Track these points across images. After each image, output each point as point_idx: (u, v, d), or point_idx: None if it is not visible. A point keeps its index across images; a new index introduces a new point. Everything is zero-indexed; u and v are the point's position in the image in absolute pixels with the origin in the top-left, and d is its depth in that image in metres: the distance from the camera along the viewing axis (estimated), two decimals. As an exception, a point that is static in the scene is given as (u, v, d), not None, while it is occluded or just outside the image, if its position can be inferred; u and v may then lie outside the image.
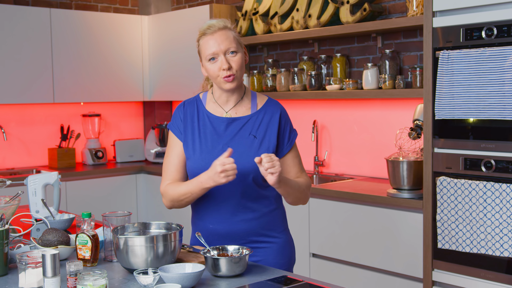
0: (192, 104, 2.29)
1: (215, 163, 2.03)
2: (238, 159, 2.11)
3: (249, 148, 2.18)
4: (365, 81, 3.83)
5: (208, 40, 2.15)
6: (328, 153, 4.37)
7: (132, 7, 5.66)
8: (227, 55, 2.15)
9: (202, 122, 2.24)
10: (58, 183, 2.84)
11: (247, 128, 2.21)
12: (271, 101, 2.29)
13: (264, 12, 4.46)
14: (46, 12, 4.76)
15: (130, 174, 5.08)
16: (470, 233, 2.93)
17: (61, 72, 4.86)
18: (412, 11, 3.59)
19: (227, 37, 2.15)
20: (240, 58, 2.17)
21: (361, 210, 3.50)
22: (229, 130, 2.21)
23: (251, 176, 2.16)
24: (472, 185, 2.91)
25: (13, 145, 4.98)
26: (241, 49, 2.19)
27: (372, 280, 3.48)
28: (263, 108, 2.25)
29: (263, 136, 2.21)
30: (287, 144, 2.26)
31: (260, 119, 2.23)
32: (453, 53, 2.95)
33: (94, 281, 1.68)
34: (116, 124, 5.56)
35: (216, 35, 2.14)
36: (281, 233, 2.28)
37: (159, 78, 5.28)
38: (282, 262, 2.25)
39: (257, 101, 2.28)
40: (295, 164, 2.29)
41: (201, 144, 2.21)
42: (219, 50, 2.14)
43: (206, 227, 2.23)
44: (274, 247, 2.25)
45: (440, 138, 3.07)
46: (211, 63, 2.16)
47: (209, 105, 2.27)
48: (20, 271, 1.83)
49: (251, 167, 2.14)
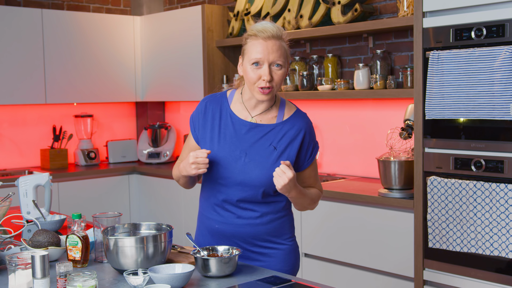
0: (216, 100, 2.21)
1: (191, 153, 2.05)
2: (254, 168, 2.10)
3: (267, 158, 2.12)
4: (356, 81, 3.84)
5: (258, 44, 2.04)
6: (320, 153, 4.38)
7: (124, 7, 5.65)
8: (272, 66, 2.05)
9: (224, 121, 2.17)
10: (49, 184, 2.84)
11: (269, 137, 2.14)
12: (299, 113, 2.21)
13: (256, 12, 4.47)
14: (37, 13, 4.76)
15: (123, 174, 5.08)
16: (460, 233, 2.95)
17: (53, 73, 4.86)
18: (403, 12, 3.61)
19: (279, 48, 2.04)
20: (283, 73, 2.07)
21: (353, 210, 3.51)
22: (249, 135, 2.14)
23: (262, 188, 2.12)
24: (463, 184, 2.92)
25: (5, 146, 4.97)
26: (287, 64, 2.10)
27: (363, 280, 3.49)
28: (289, 120, 2.16)
29: (283, 149, 2.13)
30: (308, 160, 2.19)
31: (284, 131, 2.15)
32: (443, 53, 2.97)
33: (84, 282, 1.69)
34: (108, 124, 5.55)
35: (269, 43, 2.03)
36: (287, 240, 2.23)
37: (152, 78, 5.28)
38: (286, 269, 2.20)
39: (284, 110, 2.19)
40: (311, 176, 2.24)
41: (219, 145, 2.15)
42: (266, 58, 2.03)
43: (212, 226, 2.20)
44: (279, 254, 2.20)
45: (430, 138, 3.08)
46: (253, 68, 2.05)
47: (235, 105, 2.19)
48: (9, 272, 1.83)
49: (264, 179, 2.10)
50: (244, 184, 2.11)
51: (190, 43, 4.85)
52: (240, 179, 2.12)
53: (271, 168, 2.09)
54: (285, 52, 2.08)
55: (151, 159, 5.24)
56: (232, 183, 2.13)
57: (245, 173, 2.11)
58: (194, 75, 4.84)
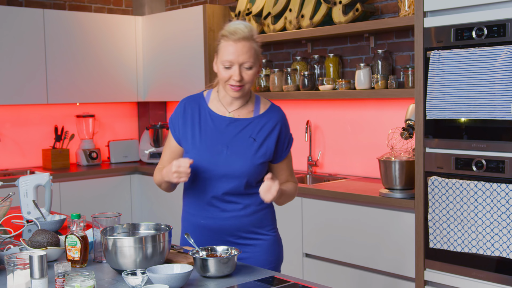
0: (194, 101, 2.32)
1: (174, 162, 2.12)
2: (236, 160, 2.20)
3: (247, 150, 2.22)
4: (357, 81, 3.83)
5: (229, 46, 2.15)
6: (321, 153, 4.37)
7: (126, 7, 5.66)
8: (242, 67, 2.17)
9: (203, 119, 2.27)
10: (50, 184, 2.84)
11: (247, 130, 2.25)
12: (274, 107, 2.33)
13: (257, 12, 4.47)
14: (39, 13, 4.76)
15: (124, 174, 5.08)
16: (461, 233, 2.94)
17: (54, 73, 4.86)
18: (404, 11, 3.60)
19: (248, 49, 2.16)
20: (253, 73, 2.19)
21: (354, 210, 3.50)
22: (229, 129, 2.24)
23: (245, 179, 2.22)
24: (463, 184, 2.92)
25: (7, 146, 4.98)
26: (257, 62, 2.21)
27: (364, 280, 3.49)
28: (265, 114, 2.29)
29: (262, 141, 2.25)
30: (284, 152, 2.32)
31: (262, 124, 2.26)
32: (444, 53, 2.96)
33: (82, 282, 1.68)
34: (110, 124, 5.56)
35: (239, 45, 2.15)
36: (270, 231, 2.33)
37: (153, 78, 5.28)
38: (271, 259, 2.30)
39: (260, 105, 2.31)
40: (288, 168, 2.36)
41: (201, 140, 2.24)
42: (236, 60, 2.15)
43: (198, 222, 2.28)
44: (263, 245, 2.29)
45: (431, 138, 3.08)
46: (225, 68, 2.18)
47: (212, 103, 2.30)
48: (8, 272, 1.83)
49: (246, 170, 2.21)
50: (228, 175, 2.21)
51: (192, 43, 4.85)
52: (223, 171, 2.21)
53: (252, 158, 2.22)
54: (255, 53, 2.19)
55: (153, 159, 5.24)
56: (216, 175, 2.21)
57: (228, 165, 2.21)
58: (195, 75, 4.84)
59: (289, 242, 3.83)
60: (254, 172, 2.22)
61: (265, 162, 2.26)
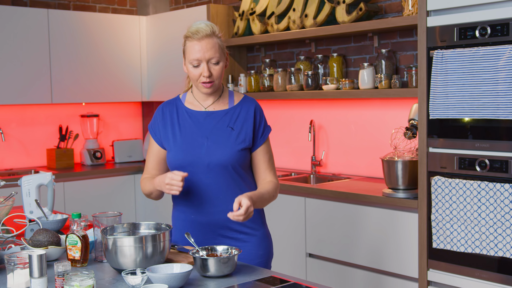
0: (171, 104, 2.42)
1: (168, 174, 2.17)
2: (217, 149, 2.28)
3: (227, 139, 2.30)
4: (361, 81, 3.82)
5: (194, 45, 2.25)
6: (325, 153, 4.36)
7: (130, 7, 5.66)
8: (209, 63, 2.26)
9: (181, 118, 2.36)
10: (52, 184, 2.84)
11: (224, 120, 2.33)
12: (247, 98, 2.43)
13: (261, 12, 4.46)
14: (43, 13, 4.77)
15: (128, 174, 5.09)
16: (464, 233, 2.92)
17: (59, 73, 4.87)
18: (408, 11, 3.58)
19: (213, 46, 2.26)
20: (221, 67, 2.29)
21: (357, 210, 3.49)
22: (207, 122, 2.33)
23: (230, 166, 2.28)
24: (467, 184, 2.90)
25: (11, 146, 4.99)
26: (223, 57, 2.30)
27: (367, 280, 3.48)
28: (240, 104, 2.38)
29: (240, 129, 2.32)
30: (260, 138, 2.37)
31: (237, 113, 2.35)
32: (447, 52, 2.94)
33: (81, 282, 1.68)
34: (114, 124, 5.56)
35: (203, 42, 2.24)
36: (260, 226, 2.39)
37: (157, 78, 5.28)
38: (261, 253, 2.35)
39: (234, 98, 2.40)
40: (265, 160, 2.38)
41: (182, 137, 2.32)
42: (203, 57, 2.25)
43: (188, 218, 2.33)
44: (253, 240, 2.35)
45: (435, 137, 3.06)
46: (194, 68, 2.28)
47: (188, 102, 2.40)
48: (8, 271, 1.83)
49: (229, 157, 2.28)
50: (213, 165, 2.27)
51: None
52: (207, 161, 2.27)
53: (233, 146, 2.29)
54: (220, 48, 2.28)
55: (157, 159, 5.23)
56: (201, 167, 2.27)
57: (210, 155, 2.28)
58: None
59: (292, 242, 3.83)
60: (236, 158, 2.28)
61: (246, 149, 2.32)
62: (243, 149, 2.31)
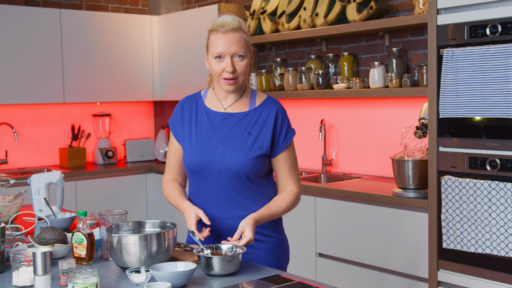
0: (191, 100, 2.32)
1: (197, 212, 2.09)
2: (231, 154, 2.16)
3: (243, 144, 2.18)
4: (371, 80, 3.80)
5: (219, 38, 2.14)
6: (336, 152, 4.35)
7: (142, 7, 5.68)
8: (233, 58, 2.14)
9: (200, 117, 2.26)
10: (61, 182, 2.85)
11: (242, 124, 2.21)
12: (270, 99, 2.28)
13: (272, 11, 4.45)
14: (56, 13, 4.80)
15: (140, 173, 5.10)
16: (475, 233, 2.90)
17: (71, 73, 4.90)
18: (419, 9, 3.56)
19: (238, 40, 2.14)
20: (245, 63, 2.17)
21: (367, 210, 3.47)
22: (224, 124, 2.22)
23: (243, 173, 2.17)
24: (477, 184, 2.87)
25: (24, 145, 5.03)
26: (249, 53, 2.19)
27: (377, 280, 3.46)
28: (261, 106, 2.25)
29: (258, 134, 2.20)
30: (282, 143, 2.24)
31: (257, 117, 2.22)
32: (457, 50, 2.92)
33: (85, 279, 1.69)
34: (126, 124, 5.58)
35: (228, 36, 2.13)
36: (274, 232, 2.27)
37: (169, 77, 5.29)
38: (274, 262, 2.24)
39: (256, 98, 2.27)
40: (286, 167, 2.26)
41: (197, 138, 2.23)
42: (227, 51, 2.13)
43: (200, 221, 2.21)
44: (266, 247, 2.24)
45: (445, 137, 3.04)
46: (216, 61, 2.16)
47: (209, 101, 2.29)
48: (13, 269, 1.85)
49: (243, 164, 2.16)
50: (225, 171, 2.17)
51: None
52: (219, 166, 2.17)
53: (248, 152, 2.17)
54: (246, 43, 2.17)
55: (169, 158, 5.24)
56: (213, 172, 2.18)
57: (223, 160, 2.17)
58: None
59: (302, 241, 3.82)
60: (250, 166, 2.16)
61: (262, 156, 2.19)
62: (258, 156, 2.18)
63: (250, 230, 2.03)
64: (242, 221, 2.07)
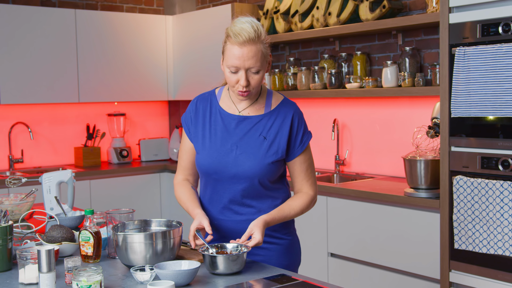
0: (206, 99, 2.25)
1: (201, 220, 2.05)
2: (246, 160, 2.12)
3: (258, 149, 2.13)
4: (384, 79, 3.78)
5: (235, 50, 2.04)
6: (349, 152, 4.33)
7: (157, 7, 5.70)
8: (248, 72, 2.06)
9: (214, 117, 2.20)
10: (72, 181, 2.88)
11: (258, 128, 2.16)
12: (286, 102, 2.22)
13: (285, 10, 4.45)
14: (71, 13, 4.84)
15: (154, 173, 5.12)
16: (487, 234, 2.86)
17: (86, 72, 4.94)
18: (432, 7, 3.53)
19: (255, 54, 2.03)
20: (260, 76, 2.09)
21: (379, 210, 3.45)
22: (239, 128, 2.16)
23: (256, 179, 2.13)
24: (489, 184, 2.84)
25: (40, 144, 5.08)
26: (265, 65, 2.09)
27: (388, 280, 3.43)
28: (276, 109, 2.18)
29: (273, 139, 2.15)
30: (298, 147, 2.18)
31: (272, 120, 2.17)
32: (469, 49, 2.89)
33: (89, 277, 1.70)
34: (141, 123, 5.61)
35: (245, 49, 2.02)
36: (285, 235, 2.24)
37: (183, 77, 5.31)
38: (285, 264, 2.20)
39: (272, 101, 2.20)
40: (302, 170, 2.21)
41: (211, 141, 2.17)
42: (242, 65, 2.04)
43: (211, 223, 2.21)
44: (277, 249, 2.21)
45: (457, 136, 3.01)
46: (231, 73, 2.08)
47: (223, 101, 2.23)
48: (20, 266, 1.86)
49: (257, 170, 2.12)
50: (238, 176, 2.13)
51: (221, 42, 4.83)
52: (233, 172, 2.13)
53: (263, 158, 2.12)
54: (263, 55, 2.06)
55: (183, 158, 5.26)
56: (226, 177, 2.14)
57: (237, 166, 2.13)
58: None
59: (314, 241, 3.81)
60: (265, 172, 2.12)
61: (278, 161, 2.15)
62: (274, 162, 2.13)
63: (259, 232, 2.01)
64: (252, 222, 2.05)
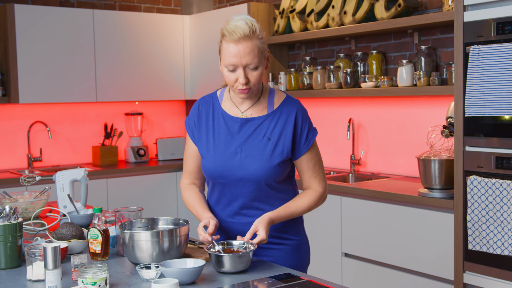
0: (208, 102, 2.22)
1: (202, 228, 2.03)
2: (251, 162, 2.10)
3: (263, 151, 2.10)
4: (399, 78, 3.75)
5: (231, 48, 2.01)
6: (364, 151, 4.30)
7: (175, 7, 5.73)
8: (246, 69, 2.03)
9: (217, 121, 2.18)
10: (85, 179, 2.90)
11: (261, 129, 2.13)
12: (289, 100, 2.18)
13: (300, 9, 4.44)
14: (89, 13, 4.89)
15: (171, 172, 5.15)
16: (501, 234, 2.83)
17: (103, 72, 4.98)
18: (448, 6, 3.49)
19: (251, 50, 2.01)
20: (259, 72, 2.06)
21: (393, 210, 3.43)
22: (243, 131, 2.13)
23: (263, 181, 2.11)
24: (504, 184, 2.80)
25: (58, 143, 5.13)
26: (263, 60, 2.07)
27: (402, 281, 3.40)
28: (279, 108, 2.15)
29: (277, 139, 2.11)
30: (304, 145, 2.15)
31: (275, 120, 2.13)
32: (483, 48, 2.85)
33: (94, 274, 1.71)
34: (158, 122, 5.64)
35: (240, 46, 2.00)
36: (294, 235, 2.22)
37: (200, 76, 5.33)
38: (294, 264, 2.19)
39: (274, 100, 2.17)
40: (309, 167, 2.18)
41: (215, 145, 2.15)
42: (239, 63, 2.02)
43: (219, 225, 2.20)
44: (286, 249, 2.19)
45: (471, 136, 2.97)
46: (229, 72, 2.05)
47: (225, 104, 2.20)
48: (28, 263, 1.89)
49: (263, 172, 2.09)
50: (244, 179, 2.11)
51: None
52: (239, 175, 2.11)
53: (269, 160, 2.10)
54: (259, 51, 2.03)
55: (199, 157, 5.28)
56: (232, 180, 2.12)
57: (243, 169, 2.10)
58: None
59: (328, 241, 3.80)
60: (271, 173, 2.10)
61: (284, 161, 2.12)
62: (280, 163, 2.10)
63: (263, 230, 2.00)
64: (257, 219, 2.04)
